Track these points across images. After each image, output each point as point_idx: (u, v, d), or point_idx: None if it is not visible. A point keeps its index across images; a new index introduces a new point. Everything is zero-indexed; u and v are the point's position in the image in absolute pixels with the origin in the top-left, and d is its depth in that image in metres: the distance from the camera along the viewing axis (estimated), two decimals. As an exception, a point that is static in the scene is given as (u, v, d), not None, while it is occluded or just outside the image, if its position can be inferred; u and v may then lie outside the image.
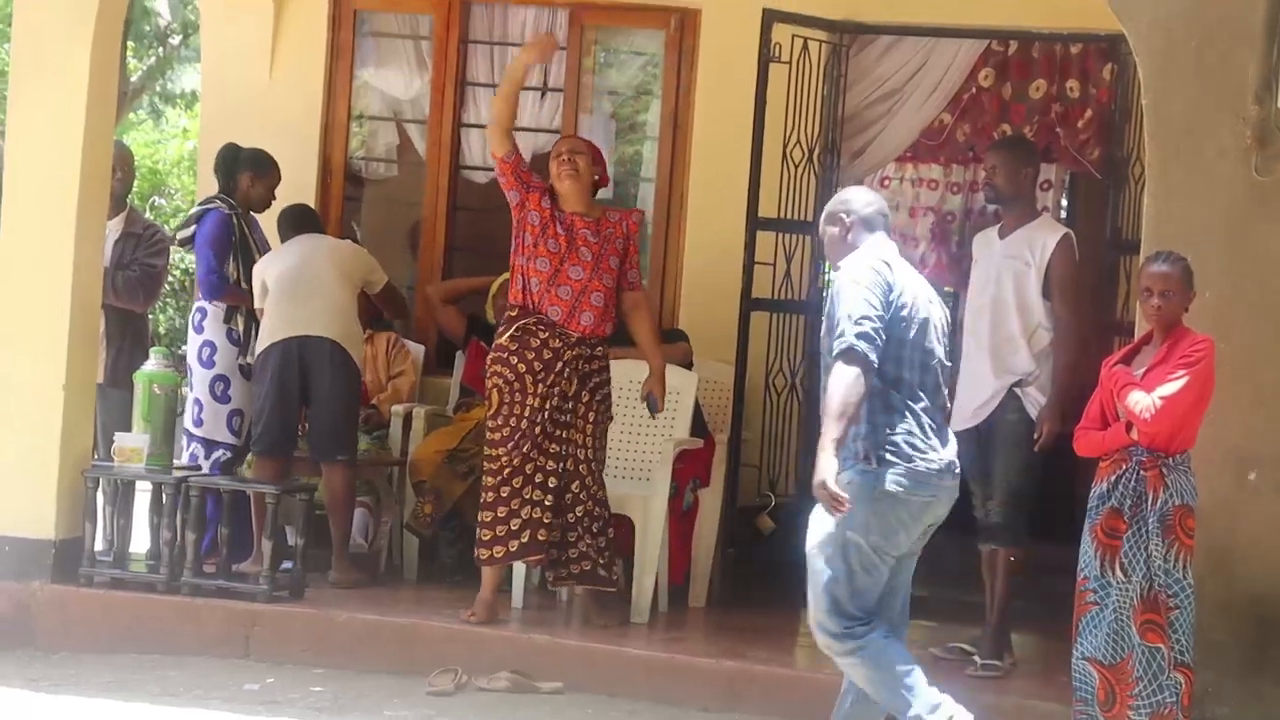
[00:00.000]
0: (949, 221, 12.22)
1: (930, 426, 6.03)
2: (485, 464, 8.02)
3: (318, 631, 7.97)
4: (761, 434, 9.35)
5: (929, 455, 5.99)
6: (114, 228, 9.12)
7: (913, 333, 6.02)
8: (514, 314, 8.01)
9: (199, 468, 8.65)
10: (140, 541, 8.53)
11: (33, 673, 7.67)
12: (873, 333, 5.86)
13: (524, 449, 7.89)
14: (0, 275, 8.31)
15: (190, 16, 20.25)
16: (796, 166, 9.25)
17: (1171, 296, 6.51)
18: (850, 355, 5.84)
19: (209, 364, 8.85)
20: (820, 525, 5.98)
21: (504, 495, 7.91)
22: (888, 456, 5.94)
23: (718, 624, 8.59)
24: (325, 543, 8.66)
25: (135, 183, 9.59)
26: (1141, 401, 6.37)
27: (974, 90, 9.79)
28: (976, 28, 9.53)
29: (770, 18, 9.05)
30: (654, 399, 8.09)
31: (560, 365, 7.93)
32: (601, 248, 8.01)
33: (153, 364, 8.36)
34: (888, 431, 5.96)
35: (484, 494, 7.96)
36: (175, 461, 8.57)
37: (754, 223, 9.10)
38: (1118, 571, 6.42)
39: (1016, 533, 7.80)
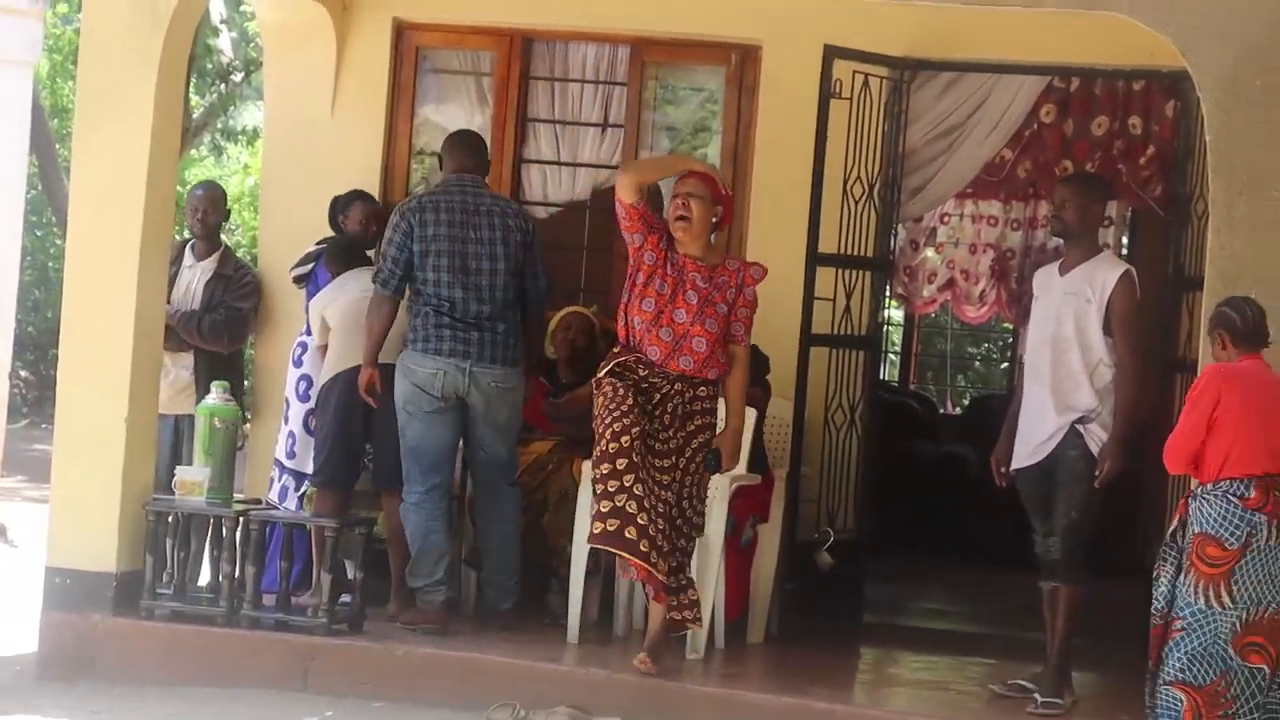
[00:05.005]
0: (1009, 258, 12.19)
1: (444, 323, 8.21)
2: (595, 453, 7.73)
3: (376, 665, 7.97)
4: (821, 470, 9.30)
5: (432, 343, 8.20)
6: (207, 268, 9.26)
7: (431, 258, 8.22)
8: (616, 351, 7.88)
9: (285, 499, 8.78)
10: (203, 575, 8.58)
11: (94, 705, 7.69)
12: (387, 273, 8.29)
13: (633, 432, 7.58)
14: (64, 309, 8.39)
15: (252, 54, 20.41)
16: (857, 202, 9.23)
17: (1211, 339, 6.87)
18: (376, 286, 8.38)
19: (304, 398, 8.87)
20: None
21: (611, 489, 7.58)
22: (408, 342, 8.26)
23: (776, 660, 8.56)
24: (384, 575, 8.66)
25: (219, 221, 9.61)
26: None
27: (1035, 127, 9.74)
28: (1038, 64, 9.48)
29: (831, 54, 9.05)
30: (715, 455, 7.92)
31: (658, 398, 7.77)
32: (710, 294, 7.80)
33: (214, 398, 8.37)
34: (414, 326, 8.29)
35: (595, 485, 7.72)
36: (266, 494, 8.66)
37: (814, 258, 9.08)
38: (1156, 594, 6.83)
39: (1077, 569, 7.75)
